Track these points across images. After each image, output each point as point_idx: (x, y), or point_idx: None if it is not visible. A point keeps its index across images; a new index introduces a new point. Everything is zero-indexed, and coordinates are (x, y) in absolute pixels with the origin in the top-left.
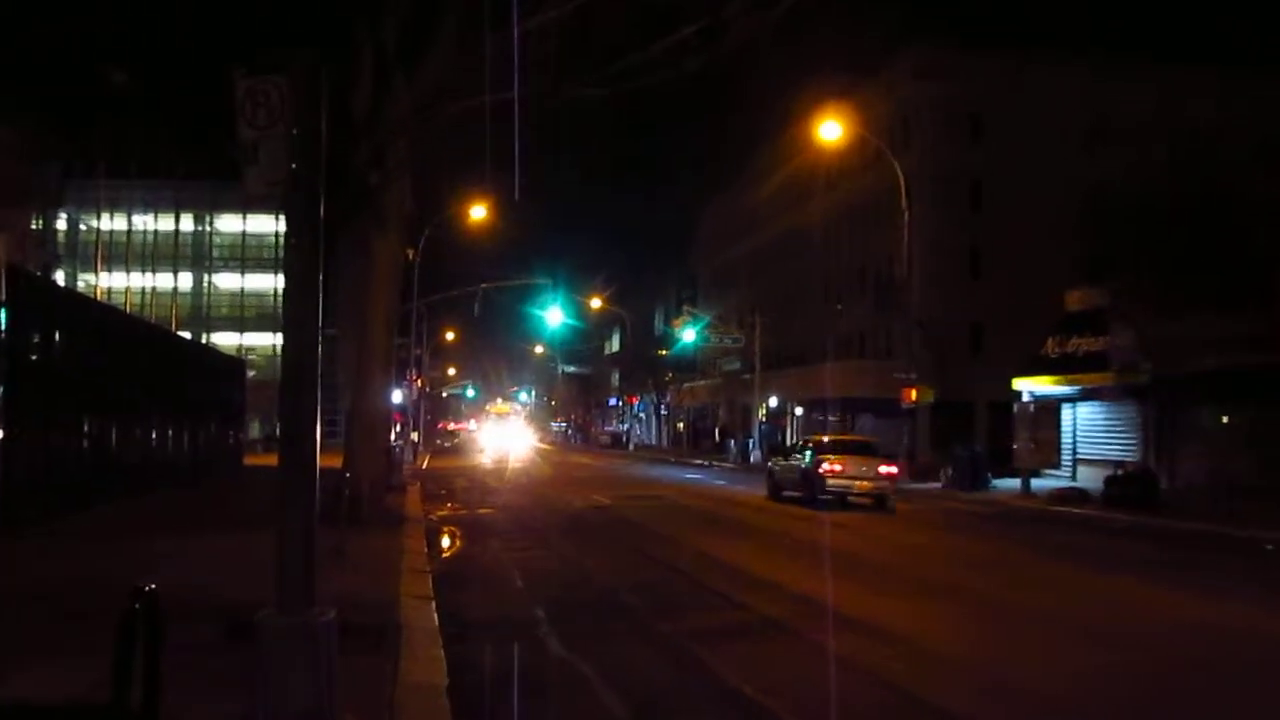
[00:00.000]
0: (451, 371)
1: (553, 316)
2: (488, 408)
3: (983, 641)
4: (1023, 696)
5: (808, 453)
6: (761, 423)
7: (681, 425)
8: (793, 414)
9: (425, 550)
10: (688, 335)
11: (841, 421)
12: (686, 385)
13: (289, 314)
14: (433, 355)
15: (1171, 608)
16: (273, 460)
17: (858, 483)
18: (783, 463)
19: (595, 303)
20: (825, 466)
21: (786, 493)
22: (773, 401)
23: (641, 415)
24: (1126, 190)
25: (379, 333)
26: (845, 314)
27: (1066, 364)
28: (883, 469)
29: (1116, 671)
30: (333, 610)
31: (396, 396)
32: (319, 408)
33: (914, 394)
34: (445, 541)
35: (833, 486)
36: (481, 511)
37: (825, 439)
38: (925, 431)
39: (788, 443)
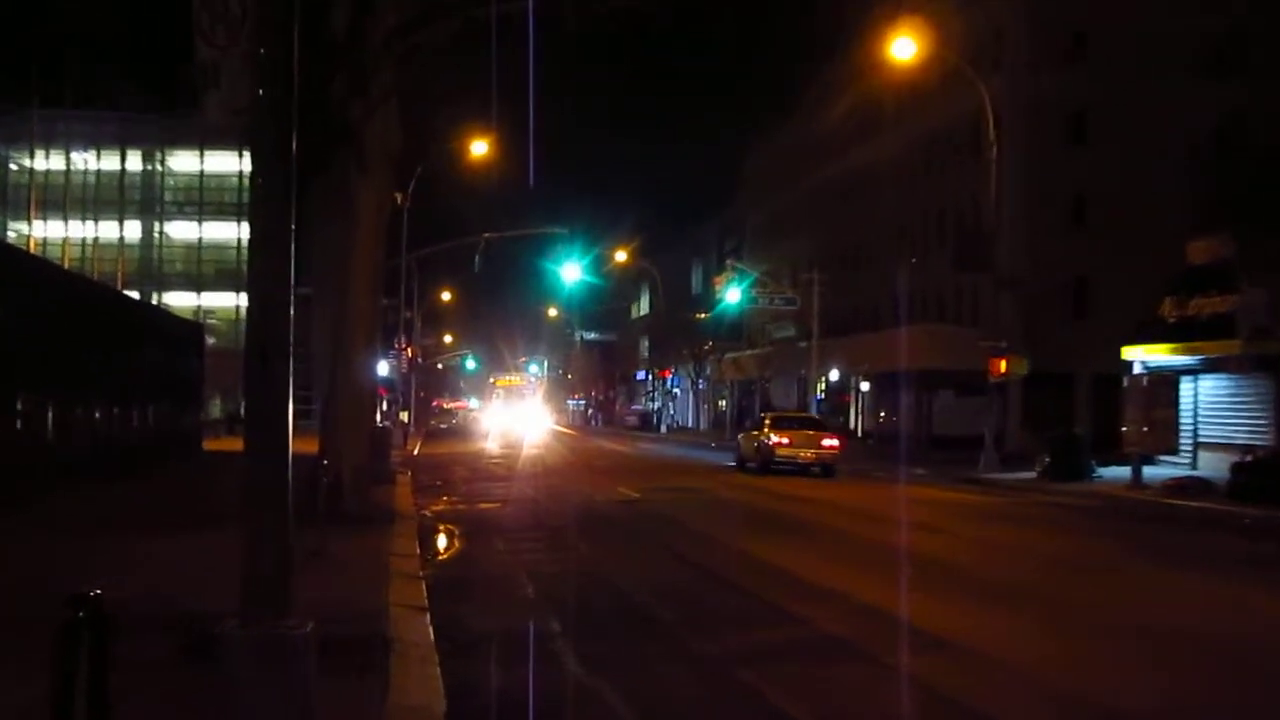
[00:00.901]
0: (448, 339)
1: (569, 273)
2: (492, 381)
3: (1095, 669)
4: None
5: (764, 427)
6: (819, 399)
7: (723, 403)
8: (857, 390)
9: (418, 552)
10: (731, 295)
11: (917, 398)
12: (729, 356)
13: (256, 269)
14: (425, 320)
15: None
16: (237, 445)
17: (802, 453)
18: (745, 436)
19: (620, 256)
20: (774, 440)
21: (749, 464)
22: (833, 375)
23: (675, 391)
24: (1259, 122)
25: (362, 292)
26: (920, 270)
27: (1186, 329)
28: (825, 442)
29: None
30: (310, 622)
31: (382, 369)
32: (292, 382)
33: (1003, 365)
34: (441, 541)
35: (781, 456)
36: (484, 506)
37: (775, 416)
38: (1016, 410)
39: (852, 424)
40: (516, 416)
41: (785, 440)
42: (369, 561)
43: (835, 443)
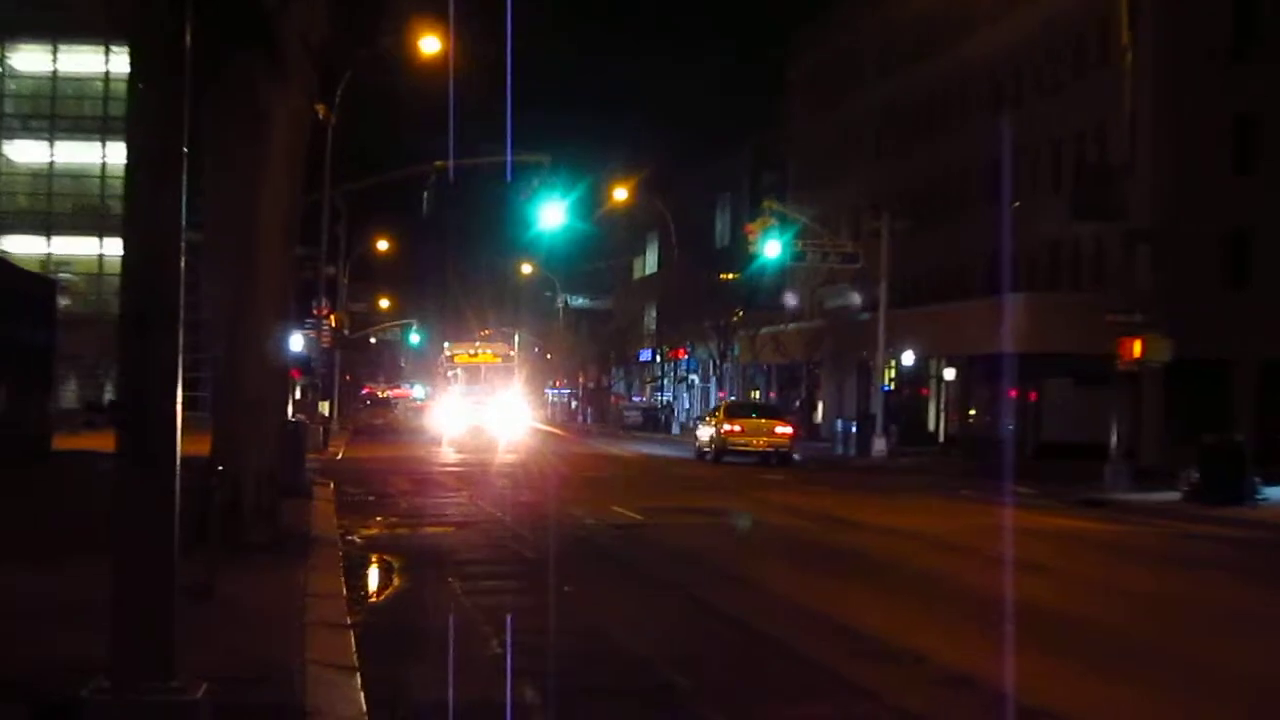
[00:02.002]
0: (385, 304)
1: (551, 216)
2: (448, 354)
3: None
4: None
5: (717, 415)
6: (886, 390)
7: (756, 395)
8: (938, 379)
9: (344, 591)
10: (770, 249)
11: (1021, 390)
12: (767, 331)
13: (135, 206)
14: (355, 278)
15: None
16: (100, 443)
17: (755, 440)
18: (701, 427)
19: (620, 194)
20: (726, 429)
21: (707, 456)
22: (907, 358)
23: (692, 379)
24: None
25: (272, 239)
26: (1026, 218)
27: None
28: (778, 429)
29: None
30: (201, 684)
31: (295, 343)
32: (180, 361)
33: (1137, 348)
34: (375, 578)
35: (734, 445)
36: (433, 530)
37: (726, 404)
38: (1155, 408)
39: (931, 425)
40: (485, 408)
41: (738, 428)
42: (278, 603)
43: (789, 430)
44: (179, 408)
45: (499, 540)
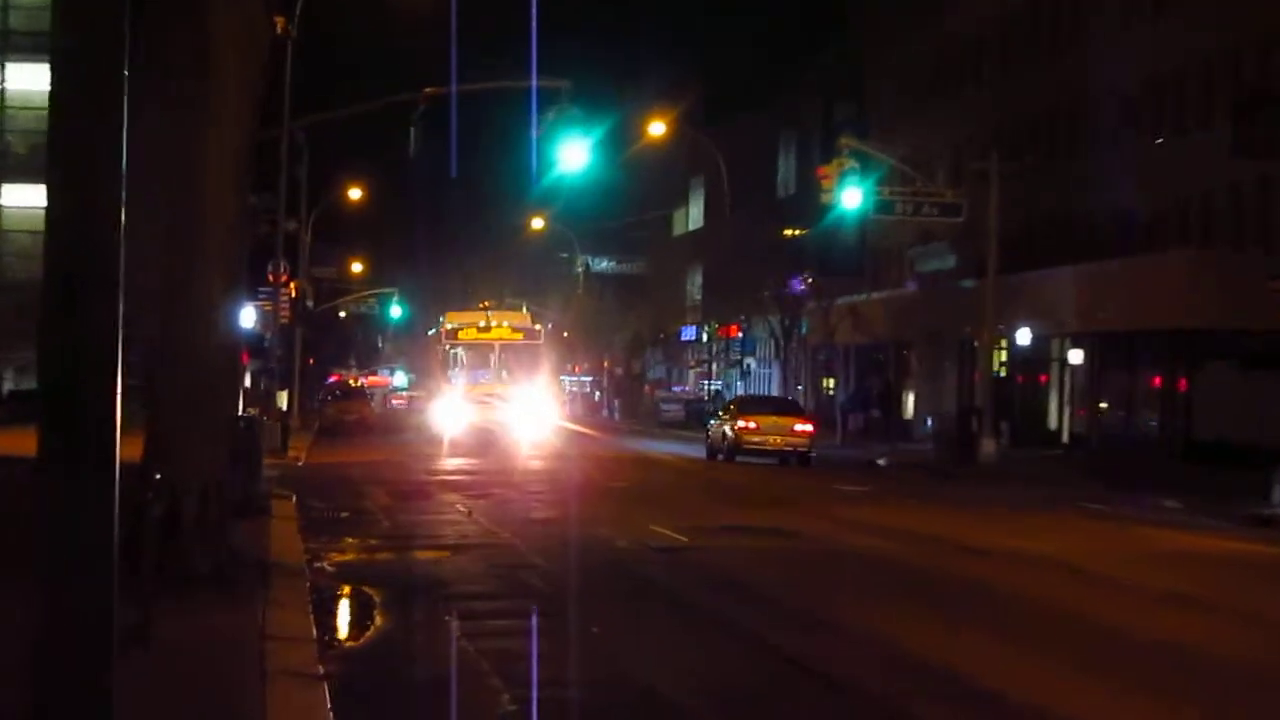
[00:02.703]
0: (357, 269)
1: (571, 156)
2: (445, 326)
3: None
4: None
5: (730, 411)
6: (998, 377)
7: (831, 383)
8: (1062, 361)
9: (313, 633)
10: (849, 199)
11: (1168, 376)
12: (843, 301)
13: (61, 144)
14: (320, 236)
15: None
16: (14, 444)
17: (771, 439)
18: (714, 423)
19: (657, 129)
20: (741, 425)
21: (720, 456)
22: (1021, 337)
23: (749, 363)
24: None
25: (221, 187)
26: (1171, 157)
27: None
28: (797, 427)
29: None
30: None
31: (247, 318)
32: (120, 340)
33: None
34: (352, 617)
35: (749, 444)
36: (423, 555)
37: (742, 399)
38: None
39: (1052, 423)
40: (499, 403)
41: (753, 425)
42: (231, 649)
43: (809, 428)
44: (118, 399)
45: (507, 568)
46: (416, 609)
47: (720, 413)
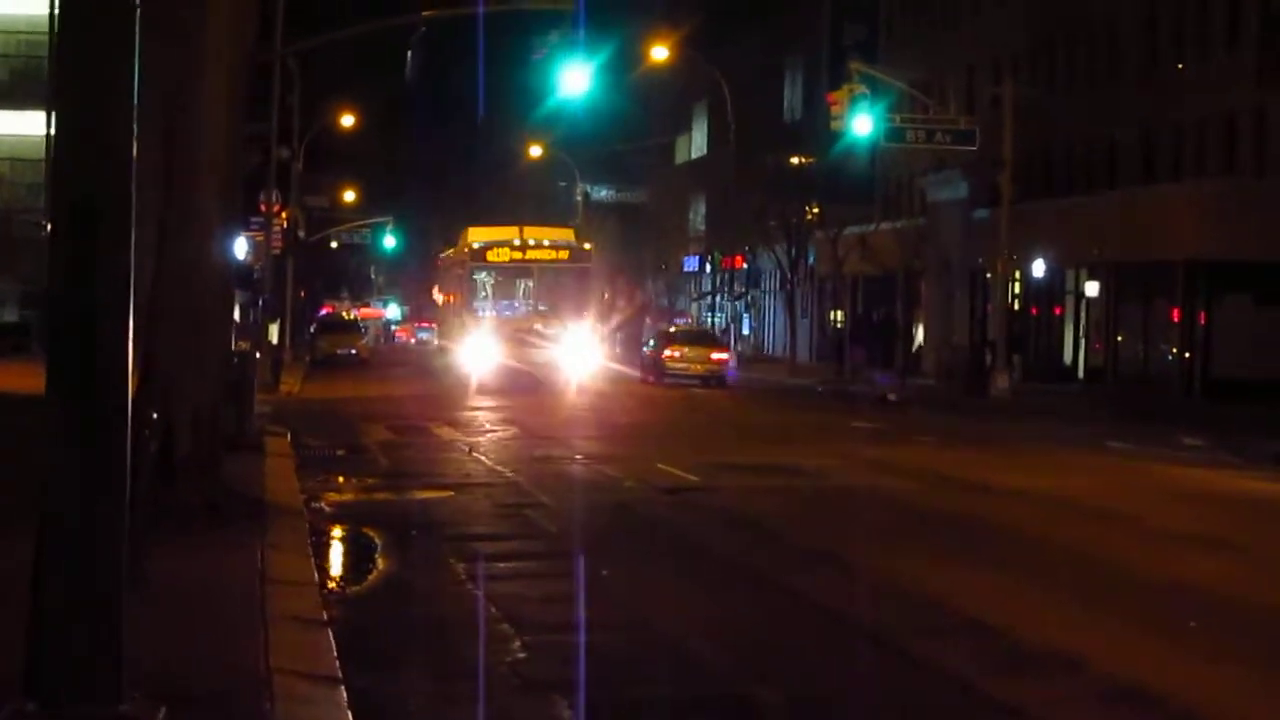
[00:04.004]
0: (350, 197)
1: (573, 81)
2: (475, 247)
3: None
4: None
5: (655, 342)
6: (1013, 312)
7: (840, 315)
8: (1078, 294)
9: (314, 576)
10: (859, 125)
11: (1187, 309)
12: (851, 230)
13: (71, 63)
14: (312, 165)
15: None
16: (18, 380)
17: (693, 366)
18: (647, 350)
19: (659, 52)
20: (666, 353)
21: (651, 378)
22: (1036, 269)
23: (754, 295)
24: None
25: (215, 110)
26: (1192, 83)
27: None
28: (714, 355)
29: None
30: (160, 707)
31: (237, 248)
32: (133, 269)
33: None
34: (349, 558)
35: (672, 369)
36: (424, 495)
37: (667, 333)
38: None
39: (1067, 357)
40: (539, 340)
41: (676, 354)
42: (230, 591)
43: (724, 356)
44: (130, 335)
45: (513, 508)
46: (419, 551)
47: (652, 341)
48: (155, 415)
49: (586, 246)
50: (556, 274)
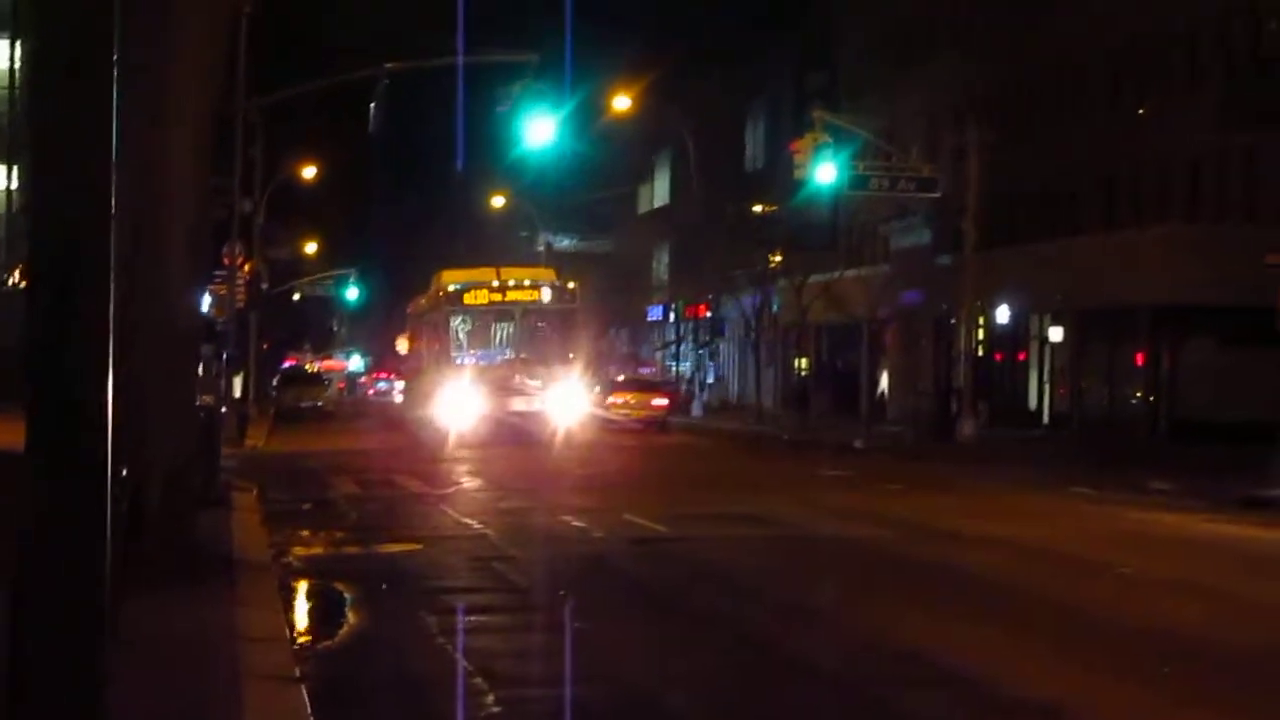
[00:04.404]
0: (312, 249)
1: (538, 132)
2: (450, 289)
3: None
4: None
5: (600, 389)
6: (972, 357)
7: (804, 363)
8: (1042, 339)
9: (285, 632)
10: (822, 174)
11: (1152, 353)
12: (816, 279)
13: (47, 115)
14: (274, 216)
15: None
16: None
17: (635, 411)
18: (593, 396)
19: (622, 102)
20: (610, 399)
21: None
22: (1000, 314)
23: (717, 345)
24: None
25: (183, 163)
26: (1156, 128)
27: None
28: (654, 401)
29: None
30: None
31: (203, 302)
32: (112, 328)
33: None
34: (319, 612)
35: (615, 414)
36: (394, 549)
37: (618, 379)
38: None
39: (1032, 403)
40: (521, 389)
41: (619, 400)
42: (203, 648)
43: (665, 402)
44: (110, 401)
45: (483, 561)
46: (390, 605)
47: (598, 389)
48: (125, 472)
49: (571, 286)
50: (540, 316)
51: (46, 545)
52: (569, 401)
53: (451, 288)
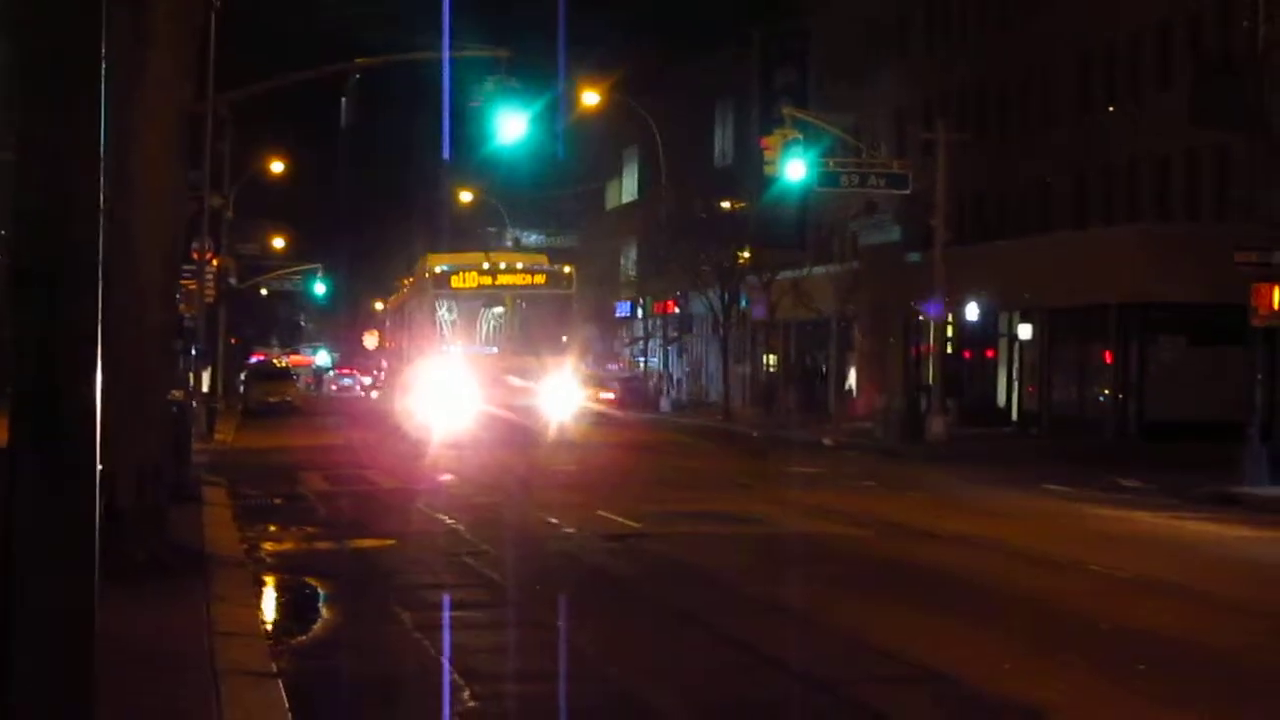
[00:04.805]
0: (280, 244)
1: (510, 127)
2: (437, 271)
3: None
4: None
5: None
6: (938, 354)
7: (772, 360)
8: (1011, 337)
9: (260, 628)
10: (792, 170)
11: (1121, 352)
12: (785, 275)
13: (33, 114)
14: (242, 212)
15: None
16: None
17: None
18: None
19: (590, 98)
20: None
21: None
22: (969, 312)
23: (685, 342)
24: None
25: (157, 160)
26: (1127, 127)
27: None
28: (601, 395)
29: None
30: None
31: None
32: (99, 328)
33: (1276, 297)
34: (294, 608)
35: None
36: (366, 544)
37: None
38: None
39: (1001, 399)
40: (514, 381)
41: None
42: (179, 644)
43: (610, 396)
44: (98, 392)
45: (457, 557)
46: (364, 601)
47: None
48: (100, 468)
49: (567, 270)
50: (534, 302)
51: (33, 545)
52: (564, 395)
53: (439, 269)
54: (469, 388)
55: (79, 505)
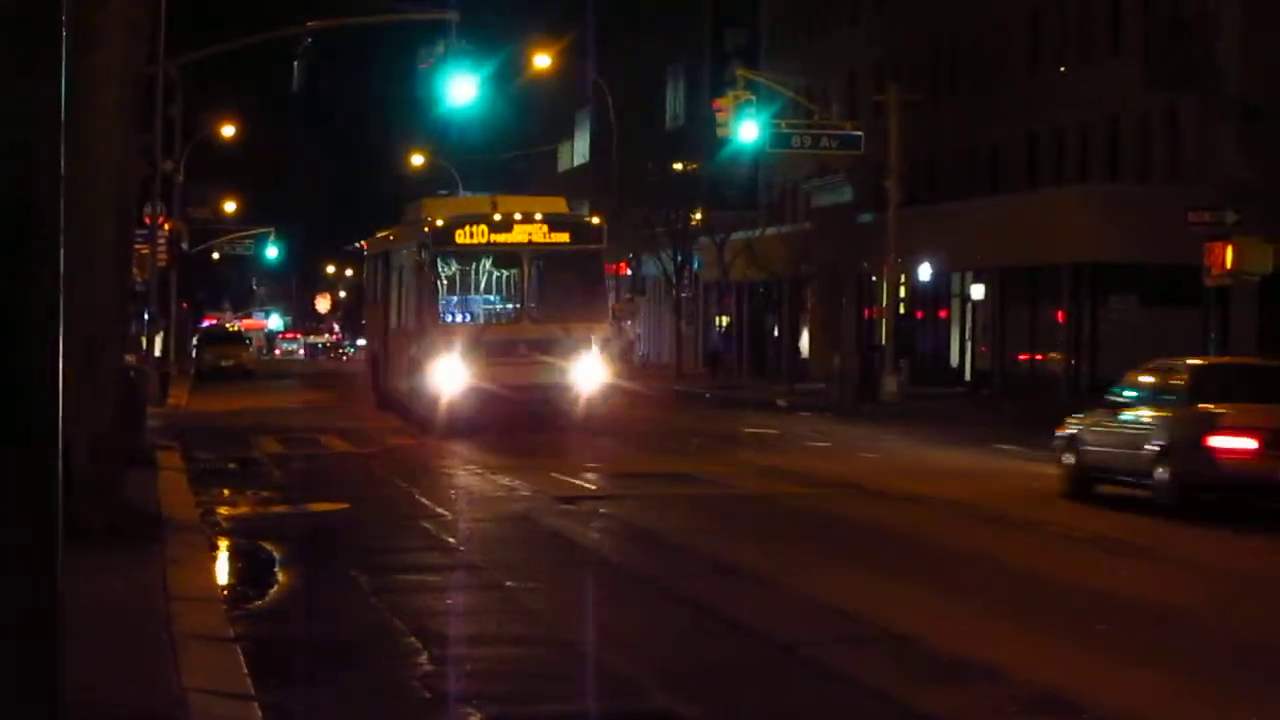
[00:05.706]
0: (231, 208)
1: (459, 89)
2: (437, 223)
3: None
4: None
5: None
6: (890, 314)
7: (725, 320)
8: (964, 297)
9: (217, 592)
10: (745, 131)
11: (1073, 311)
12: (738, 236)
13: None
14: (193, 176)
15: None
16: None
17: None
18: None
19: (542, 60)
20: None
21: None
22: (922, 273)
23: (635, 302)
24: None
25: (108, 124)
26: (1080, 88)
27: None
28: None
29: None
30: None
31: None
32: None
33: (1229, 256)
34: (250, 572)
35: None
36: (321, 508)
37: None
38: (1249, 334)
39: (954, 360)
40: (529, 356)
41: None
42: (135, 609)
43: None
44: (60, 362)
45: (411, 520)
46: (320, 565)
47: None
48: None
49: (595, 221)
50: (558, 261)
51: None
52: (591, 373)
53: (439, 222)
54: (478, 365)
55: (42, 477)
